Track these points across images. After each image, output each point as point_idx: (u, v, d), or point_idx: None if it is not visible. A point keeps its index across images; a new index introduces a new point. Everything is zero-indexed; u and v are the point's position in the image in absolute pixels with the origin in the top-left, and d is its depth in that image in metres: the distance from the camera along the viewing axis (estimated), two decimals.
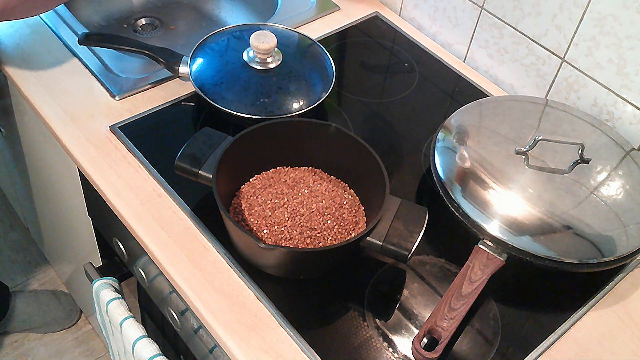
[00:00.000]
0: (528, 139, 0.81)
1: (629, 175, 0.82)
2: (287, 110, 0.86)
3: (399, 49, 1.08)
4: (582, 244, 0.74)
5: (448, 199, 0.77)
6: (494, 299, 0.75)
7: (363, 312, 0.73)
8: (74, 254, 1.34)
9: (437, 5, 1.08)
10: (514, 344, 0.72)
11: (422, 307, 0.74)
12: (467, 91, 1.02)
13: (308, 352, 0.68)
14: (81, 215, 1.06)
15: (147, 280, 0.91)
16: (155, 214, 0.78)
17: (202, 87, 0.87)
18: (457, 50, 1.08)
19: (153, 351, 0.85)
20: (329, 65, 0.94)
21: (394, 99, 0.99)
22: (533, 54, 0.97)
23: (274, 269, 0.73)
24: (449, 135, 0.83)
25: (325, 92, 0.90)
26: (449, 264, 0.78)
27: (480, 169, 0.79)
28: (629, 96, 0.88)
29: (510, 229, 0.73)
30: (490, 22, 1.00)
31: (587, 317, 0.75)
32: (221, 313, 0.70)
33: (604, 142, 0.85)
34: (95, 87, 0.93)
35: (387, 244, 0.68)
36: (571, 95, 0.95)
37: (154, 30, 1.24)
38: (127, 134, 0.86)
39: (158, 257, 0.75)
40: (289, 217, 0.74)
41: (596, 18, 0.87)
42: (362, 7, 1.15)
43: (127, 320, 0.88)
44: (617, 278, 0.79)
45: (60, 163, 1.02)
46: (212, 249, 0.76)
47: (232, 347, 0.68)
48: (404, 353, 0.69)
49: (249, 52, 0.89)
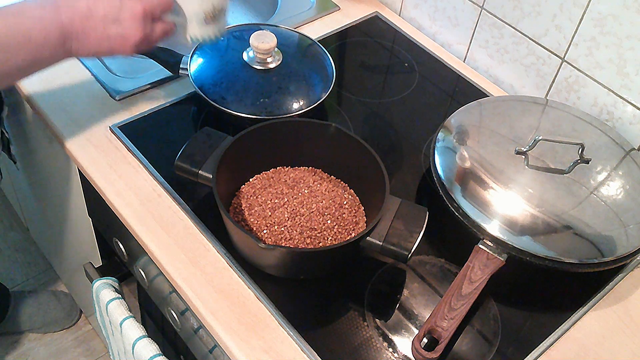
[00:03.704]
0: (528, 139, 0.81)
1: (629, 175, 0.82)
2: (287, 110, 0.86)
3: (399, 49, 1.08)
4: (582, 244, 0.74)
5: (448, 199, 0.77)
6: (494, 299, 0.75)
7: (363, 312, 0.73)
8: (74, 254, 1.34)
9: (437, 5, 1.08)
10: (514, 344, 0.72)
11: (422, 307, 0.74)
12: (467, 91, 1.02)
13: (308, 352, 0.68)
14: (81, 215, 1.06)
15: (147, 280, 0.91)
16: (155, 214, 0.78)
17: (202, 87, 0.87)
18: (457, 50, 1.08)
19: (153, 351, 0.85)
20: (329, 65, 0.94)
21: (394, 99, 0.99)
22: (533, 54, 0.97)
23: (274, 269, 0.73)
24: (449, 135, 0.83)
25: (325, 92, 0.90)
26: (449, 264, 0.78)
27: (480, 169, 0.79)
28: (629, 96, 0.88)
29: (510, 229, 0.73)
30: (490, 22, 1.00)
31: (587, 317, 0.75)
32: (221, 313, 0.70)
33: (604, 142, 0.85)
34: (95, 87, 0.93)
35: (387, 244, 0.68)
36: (571, 95, 0.95)
37: None
38: (127, 134, 0.86)
39: (158, 257, 0.75)
40: (289, 217, 0.74)
41: (596, 18, 0.87)
42: (362, 7, 1.15)
43: (127, 320, 0.88)
44: (617, 278, 0.79)
45: (61, 163, 1.02)
46: (212, 249, 0.76)
47: (232, 347, 0.68)
48: (404, 353, 0.69)
49: (249, 52, 0.89)
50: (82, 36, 0.71)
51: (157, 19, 0.75)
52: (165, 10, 0.76)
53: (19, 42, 0.67)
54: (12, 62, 0.68)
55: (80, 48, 0.72)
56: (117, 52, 0.74)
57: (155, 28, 0.75)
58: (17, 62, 0.68)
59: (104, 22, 0.71)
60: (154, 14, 0.74)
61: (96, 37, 0.72)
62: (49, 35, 0.69)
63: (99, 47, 0.73)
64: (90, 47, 0.72)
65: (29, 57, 0.69)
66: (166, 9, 0.76)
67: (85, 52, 0.73)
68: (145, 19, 0.73)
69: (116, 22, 0.72)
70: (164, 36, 0.78)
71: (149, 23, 0.74)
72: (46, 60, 0.72)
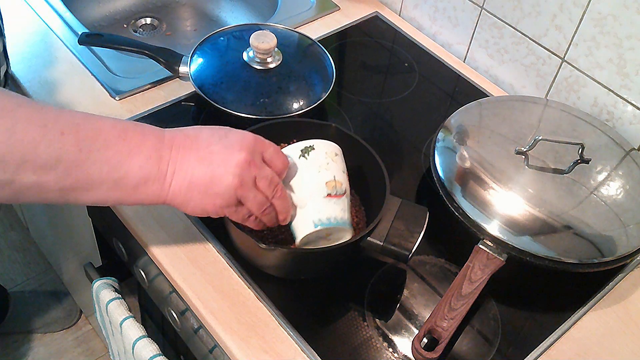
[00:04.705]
0: (528, 139, 0.81)
1: (629, 175, 0.82)
2: (287, 110, 0.86)
3: (399, 49, 1.08)
4: (582, 244, 0.74)
5: (448, 199, 0.77)
6: (494, 299, 0.75)
7: (363, 312, 0.73)
8: (74, 254, 1.34)
9: (437, 5, 1.07)
10: (514, 344, 0.72)
11: (422, 307, 0.74)
12: (467, 91, 1.02)
13: (308, 352, 0.68)
14: (81, 215, 1.06)
15: (147, 280, 0.91)
16: (155, 214, 0.78)
17: (202, 87, 0.87)
18: (457, 50, 1.08)
19: (153, 351, 0.84)
20: (329, 65, 0.94)
21: (394, 99, 0.99)
22: (533, 54, 0.97)
23: (274, 269, 0.73)
24: (449, 135, 0.83)
25: (325, 92, 0.90)
26: (449, 264, 0.78)
27: (480, 169, 0.79)
28: (629, 96, 0.88)
29: (510, 229, 0.73)
30: (490, 22, 1.00)
31: (587, 317, 0.75)
32: (221, 313, 0.70)
33: (604, 142, 0.85)
34: (95, 87, 0.93)
35: (388, 244, 0.68)
36: (571, 95, 0.95)
37: (154, 30, 1.24)
38: None
39: (158, 257, 0.75)
40: None
41: (596, 18, 0.87)
42: (362, 7, 1.15)
43: (127, 320, 0.88)
44: (617, 278, 0.79)
45: None
46: (212, 249, 0.76)
47: (232, 347, 0.68)
48: (404, 353, 0.69)
49: (249, 52, 0.89)
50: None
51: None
52: (280, 168, 0.65)
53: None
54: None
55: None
56: (218, 174, 0.60)
57: (265, 168, 0.63)
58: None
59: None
60: (264, 154, 0.64)
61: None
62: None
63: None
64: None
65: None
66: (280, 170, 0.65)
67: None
68: (255, 147, 0.63)
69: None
70: (274, 193, 0.64)
71: (258, 156, 0.63)
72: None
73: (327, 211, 0.67)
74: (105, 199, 0.60)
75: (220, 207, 0.62)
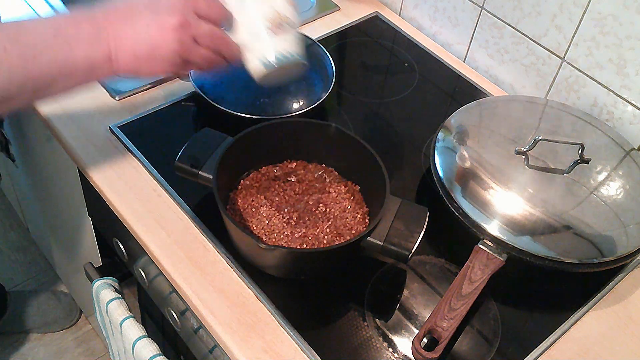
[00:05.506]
0: (528, 139, 0.81)
1: (629, 175, 0.82)
2: (287, 110, 0.86)
3: (399, 49, 1.08)
4: (582, 244, 0.74)
5: (448, 199, 0.77)
6: (494, 299, 0.75)
7: (363, 312, 0.73)
8: (74, 254, 1.34)
9: (437, 5, 1.08)
10: (514, 344, 0.72)
11: (422, 307, 0.74)
12: (467, 91, 1.02)
13: (308, 352, 0.68)
14: (81, 215, 1.06)
15: (147, 280, 0.91)
16: (155, 214, 0.78)
17: (202, 87, 0.87)
18: (457, 50, 1.08)
19: (153, 351, 0.85)
20: (329, 65, 0.94)
21: (394, 99, 0.99)
22: (533, 54, 0.97)
23: (274, 269, 0.73)
24: (449, 135, 0.83)
25: (325, 92, 0.90)
26: (449, 264, 0.78)
27: (480, 169, 0.79)
28: (629, 96, 0.88)
29: (510, 229, 0.73)
30: (490, 22, 1.00)
31: (587, 317, 0.75)
32: (221, 313, 0.70)
33: (604, 142, 0.85)
34: (95, 87, 0.93)
35: (388, 244, 0.68)
36: (571, 95, 0.95)
37: None
38: (127, 134, 0.86)
39: (158, 257, 0.75)
40: (290, 217, 0.74)
41: (596, 18, 0.87)
42: (362, 7, 1.15)
43: (127, 320, 0.88)
44: (617, 278, 0.79)
45: (60, 163, 1.02)
46: (212, 249, 0.76)
47: (232, 347, 0.68)
48: (404, 353, 0.69)
49: None
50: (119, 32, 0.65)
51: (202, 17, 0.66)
52: (217, 19, 0.67)
53: (65, 75, 0.63)
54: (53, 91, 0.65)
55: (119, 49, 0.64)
56: (157, 43, 0.64)
57: (201, 24, 0.66)
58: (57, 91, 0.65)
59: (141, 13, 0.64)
60: (197, 10, 0.66)
61: (133, 29, 0.64)
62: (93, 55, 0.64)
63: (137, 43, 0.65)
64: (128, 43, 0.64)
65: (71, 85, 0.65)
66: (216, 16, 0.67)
67: (125, 54, 0.65)
68: (185, 7, 0.65)
69: (153, 11, 0.64)
70: (217, 45, 0.68)
71: (191, 14, 0.65)
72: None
73: (277, 48, 0.68)
74: (65, 90, 0.65)
75: (169, 70, 0.67)
